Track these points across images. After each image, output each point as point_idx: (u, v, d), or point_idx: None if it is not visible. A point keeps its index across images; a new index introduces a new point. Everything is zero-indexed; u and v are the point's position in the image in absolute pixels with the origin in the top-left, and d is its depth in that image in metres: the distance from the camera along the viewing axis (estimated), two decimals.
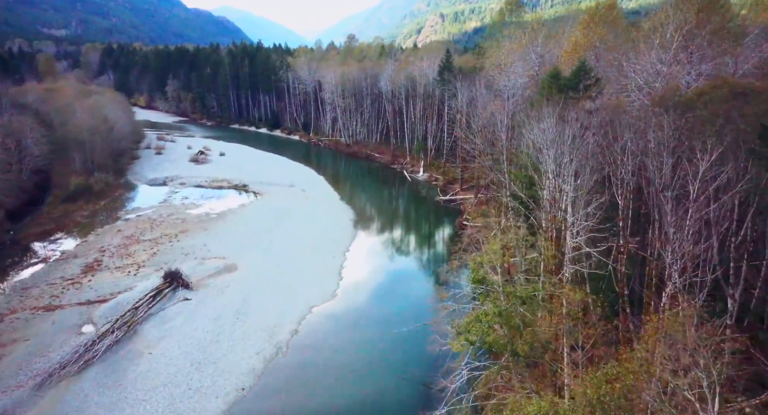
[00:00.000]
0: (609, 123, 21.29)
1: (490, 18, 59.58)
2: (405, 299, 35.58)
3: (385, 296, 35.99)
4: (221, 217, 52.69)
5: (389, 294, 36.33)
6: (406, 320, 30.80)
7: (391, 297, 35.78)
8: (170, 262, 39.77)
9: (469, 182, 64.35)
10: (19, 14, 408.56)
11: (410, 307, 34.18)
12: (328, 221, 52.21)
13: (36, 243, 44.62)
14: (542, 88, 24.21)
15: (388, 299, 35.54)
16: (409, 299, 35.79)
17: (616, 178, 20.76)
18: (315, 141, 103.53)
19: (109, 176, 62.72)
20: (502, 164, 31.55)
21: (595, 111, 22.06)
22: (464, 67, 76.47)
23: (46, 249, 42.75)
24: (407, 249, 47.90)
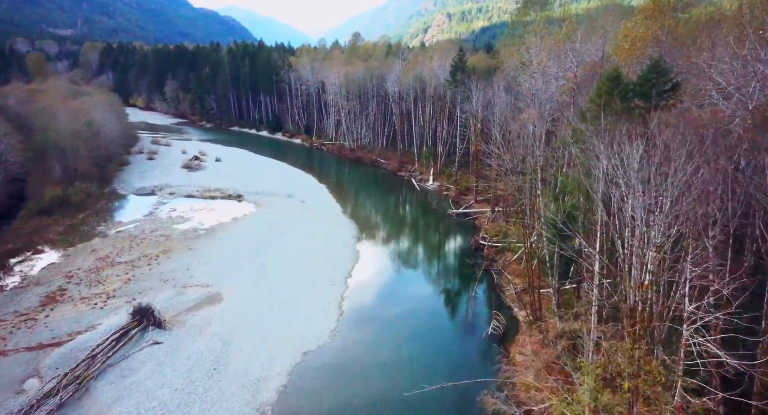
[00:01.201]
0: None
1: (511, 16, 54.52)
2: (418, 343, 29.95)
3: (394, 338, 30.44)
4: (210, 233, 47.40)
5: (398, 335, 30.76)
6: (423, 375, 25.34)
7: (400, 340, 30.23)
8: (145, 291, 34.55)
9: (484, 193, 58.76)
10: (24, 14, 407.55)
11: (426, 354, 28.66)
12: (329, 239, 46.80)
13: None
14: (597, 96, 18.80)
15: (398, 343, 29.99)
16: (422, 341, 30.19)
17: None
18: (317, 145, 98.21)
19: (92, 186, 57.62)
20: (534, 185, 26.00)
21: (718, 131, 16.01)
22: (478, 66, 70.93)
23: (4, 274, 37.56)
24: (417, 274, 42.31)
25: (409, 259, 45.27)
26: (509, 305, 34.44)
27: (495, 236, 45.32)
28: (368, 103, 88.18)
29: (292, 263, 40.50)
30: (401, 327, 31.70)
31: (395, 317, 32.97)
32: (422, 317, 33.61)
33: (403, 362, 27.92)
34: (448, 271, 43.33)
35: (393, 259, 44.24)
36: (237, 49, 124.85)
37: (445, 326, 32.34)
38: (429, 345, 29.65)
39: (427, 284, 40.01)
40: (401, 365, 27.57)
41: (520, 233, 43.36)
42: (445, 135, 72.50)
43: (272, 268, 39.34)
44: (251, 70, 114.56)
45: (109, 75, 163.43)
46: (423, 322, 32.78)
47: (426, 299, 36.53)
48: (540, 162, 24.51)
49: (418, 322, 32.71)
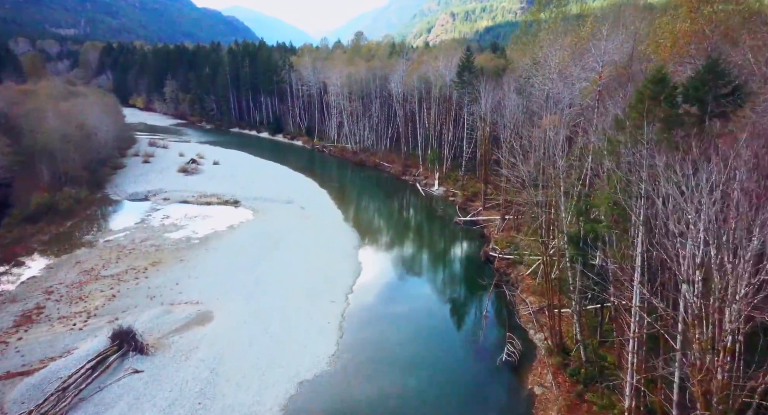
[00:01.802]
0: None
1: (525, 14, 52.15)
2: (426, 371, 27.15)
3: (399, 364, 27.69)
4: (204, 243, 44.77)
5: (404, 361, 28.01)
6: (432, 410, 22.66)
7: (406, 367, 27.49)
8: (129, 309, 31.96)
9: (493, 200, 55.97)
10: (28, 13, 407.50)
11: (434, 384, 25.91)
12: (329, 249, 44.10)
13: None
14: (637, 101, 16.05)
15: (403, 370, 27.26)
16: (430, 368, 27.39)
17: None
18: (319, 147, 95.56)
19: (82, 191, 55.07)
20: (555, 199, 23.23)
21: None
22: (485, 67, 68.17)
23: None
24: (423, 289, 39.46)
25: (414, 272, 42.49)
26: (524, 325, 31.68)
27: (506, 248, 42.53)
28: (371, 104, 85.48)
29: (290, 276, 37.83)
30: (407, 352, 28.94)
31: (400, 340, 30.21)
32: (430, 339, 30.83)
33: (410, 393, 25.20)
34: (457, 286, 40.55)
35: (397, 272, 41.47)
36: (237, 48, 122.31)
37: (455, 351, 29.56)
38: (438, 373, 26.89)
39: (433, 300, 37.23)
40: (407, 398, 24.86)
41: (533, 244, 40.62)
42: (451, 138, 69.76)
43: (268, 282, 36.66)
44: (252, 70, 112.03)
45: (108, 75, 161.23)
46: (430, 345, 30.00)
47: (433, 319, 33.75)
48: (563, 174, 21.79)
49: (425, 345, 29.94)
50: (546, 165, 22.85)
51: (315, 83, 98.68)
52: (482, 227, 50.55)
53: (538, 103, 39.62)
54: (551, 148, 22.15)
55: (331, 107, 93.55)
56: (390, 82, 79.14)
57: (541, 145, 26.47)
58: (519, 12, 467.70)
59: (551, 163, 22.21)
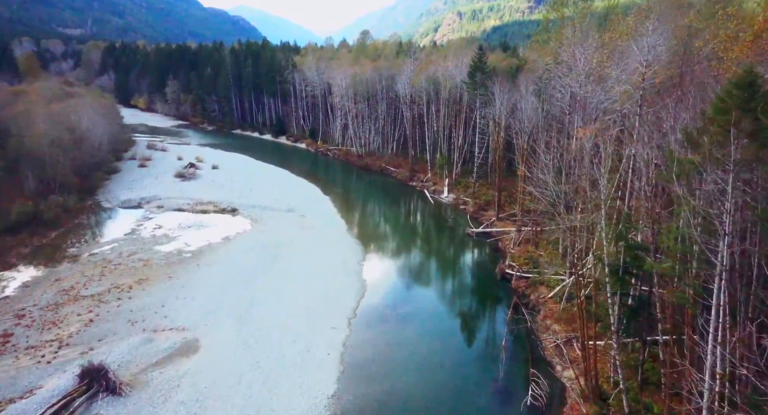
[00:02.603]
0: None
1: (547, 11, 48.99)
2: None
3: (409, 408, 24.14)
4: (196, 257, 41.45)
5: (414, 403, 24.46)
6: None
7: (417, 410, 23.94)
8: (107, 337, 28.67)
9: (507, 209, 52.37)
10: (35, 13, 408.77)
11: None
12: (331, 265, 40.65)
13: None
14: (718, 111, 12.55)
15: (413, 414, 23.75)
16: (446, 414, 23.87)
17: None
18: (323, 150, 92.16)
19: (71, 199, 51.96)
20: (596, 224, 19.64)
21: None
22: (498, 67, 64.54)
23: None
24: (434, 313, 35.69)
25: (423, 292, 38.85)
26: (548, 359, 28.08)
27: (524, 265, 38.87)
28: (377, 105, 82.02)
29: (287, 297, 34.40)
30: (417, 391, 25.39)
31: (410, 377, 26.64)
32: (443, 375, 27.22)
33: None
34: (470, 309, 36.86)
35: (404, 292, 37.91)
36: (240, 48, 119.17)
37: (472, 392, 25.96)
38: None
39: (445, 326, 33.59)
40: None
41: (554, 262, 37.03)
42: (461, 142, 66.16)
43: (262, 304, 33.25)
44: (254, 71, 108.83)
45: (111, 75, 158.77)
46: (445, 383, 26.39)
47: (446, 349, 30.12)
48: (606, 195, 18.23)
49: (438, 383, 26.34)
50: (584, 185, 19.31)
51: (319, 84, 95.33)
52: (496, 239, 46.93)
53: (561, 106, 35.91)
54: (591, 164, 18.58)
55: (335, 109, 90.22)
56: (397, 83, 75.63)
57: (571, 157, 22.86)
58: (527, 11, 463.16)
59: (590, 182, 18.69)
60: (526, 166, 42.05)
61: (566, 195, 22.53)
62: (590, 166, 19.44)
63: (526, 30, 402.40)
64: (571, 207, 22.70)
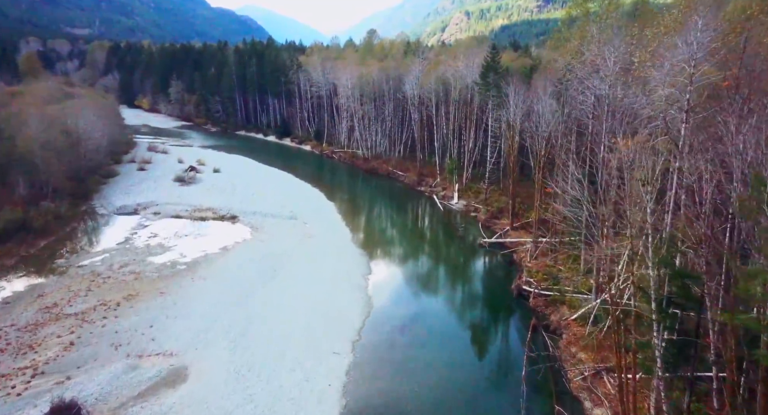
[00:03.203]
0: None
1: (570, 7, 46.48)
2: None
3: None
4: (191, 269, 38.91)
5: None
6: None
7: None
8: (87, 363, 26.13)
9: (522, 217, 49.45)
10: (43, 13, 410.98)
11: None
12: (334, 279, 37.95)
13: None
14: None
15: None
16: None
17: None
18: (328, 153, 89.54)
19: (63, 205, 49.70)
20: (644, 253, 16.76)
21: None
22: (511, 67, 61.62)
23: None
24: (444, 334, 32.81)
25: (433, 311, 35.92)
26: (575, 392, 25.17)
27: (543, 281, 35.92)
28: (384, 107, 79.27)
29: (285, 317, 31.71)
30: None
31: (420, 413, 23.84)
32: (457, 409, 24.40)
33: None
34: (485, 331, 33.92)
35: (413, 311, 35.00)
36: (245, 47, 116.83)
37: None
38: None
39: (458, 352, 30.63)
40: None
41: (576, 278, 34.11)
42: (472, 146, 63.30)
43: (259, 325, 30.58)
44: (258, 71, 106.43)
45: (115, 75, 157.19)
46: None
47: (460, 379, 27.24)
48: (652, 219, 15.41)
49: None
50: (626, 207, 16.47)
51: (324, 84, 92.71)
52: (511, 251, 44.00)
53: (586, 110, 32.99)
54: (636, 183, 15.72)
55: (341, 110, 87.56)
56: (404, 84, 72.93)
57: (606, 170, 19.92)
58: (535, 10, 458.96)
59: (637, 203, 15.82)
60: (545, 176, 39.22)
61: (604, 218, 19.57)
62: (631, 184, 16.57)
63: (535, 29, 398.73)
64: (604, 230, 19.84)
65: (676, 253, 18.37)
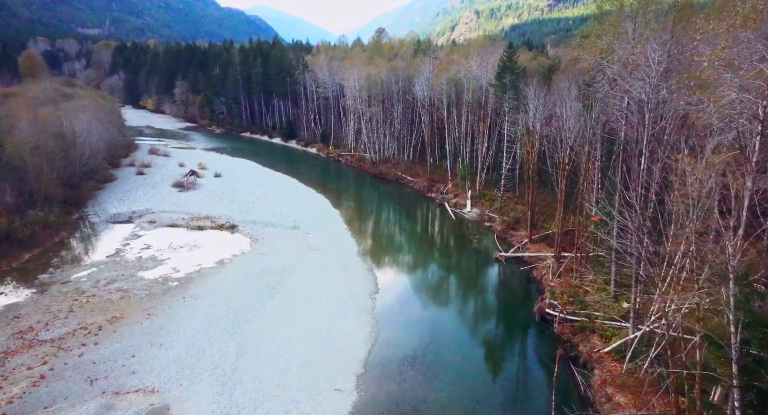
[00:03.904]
0: None
1: (601, 1, 43.95)
2: None
3: None
4: (183, 286, 35.89)
5: None
6: None
7: None
8: (56, 402, 23.12)
9: (541, 229, 45.94)
10: (54, 13, 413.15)
11: None
12: (338, 299, 34.71)
13: None
14: None
15: None
16: None
17: None
18: (335, 156, 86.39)
19: (53, 213, 46.90)
20: (724, 304, 13.36)
21: None
22: (528, 67, 58.03)
23: None
24: (460, 365, 29.36)
25: (447, 337, 32.33)
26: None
27: (568, 304, 32.41)
28: (393, 109, 75.95)
29: (282, 347, 28.51)
30: None
31: None
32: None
33: None
34: (506, 361, 30.36)
35: (424, 337, 31.50)
36: (250, 47, 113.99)
37: None
38: None
39: (477, 386, 27.21)
40: None
41: (606, 302, 30.60)
42: (485, 150, 59.79)
43: (252, 357, 27.40)
44: (263, 71, 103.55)
45: (120, 75, 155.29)
46: None
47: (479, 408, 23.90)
48: (735, 261, 12.04)
49: None
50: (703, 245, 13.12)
51: (331, 85, 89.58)
52: (531, 267, 40.50)
53: (616, 115, 29.50)
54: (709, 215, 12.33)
55: (348, 112, 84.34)
56: (414, 85, 69.57)
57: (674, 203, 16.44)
58: (546, 9, 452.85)
59: (715, 242, 12.45)
60: (568, 186, 35.77)
61: (670, 258, 16.10)
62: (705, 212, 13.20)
63: (546, 28, 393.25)
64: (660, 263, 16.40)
65: (754, 295, 14.89)
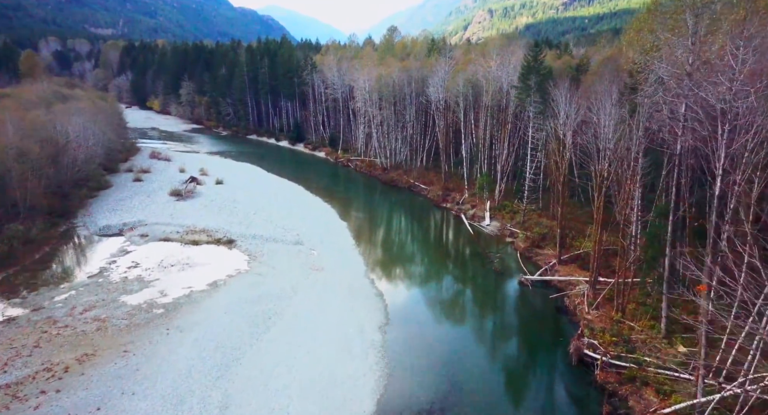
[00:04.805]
0: None
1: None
2: None
3: None
4: (169, 315, 31.78)
5: None
6: None
7: None
8: None
9: (571, 247, 41.22)
10: (69, 14, 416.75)
11: None
12: (343, 334, 30.33)
13: None
14: None
15: None
16: None
17: None
18: (344, 161, 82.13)
19: (36, 227, 43.30)
20: None
21: None
22: (554, 68, 53.22)
23: None
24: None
25: (469, 385, 27.46)
26: None
27: (611, 344, 27.64)
28: (405, 112, 71.47)
29: (275, 397, 24.18)
30: None
31: None
32: None
33: None
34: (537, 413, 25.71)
35: (443, 385, 26.84)
36: (257, 46, 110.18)
37: None
38: None
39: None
40: None
41: (660, 345, 25.88)
42: (506, 158, 55.07)
43: (238, 410, 23.10)
44: (271, 71, 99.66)
45: (127, 75, 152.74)
46: None
47: None
48: None
49: None
50: None
51: (340, 86, 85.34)
52: (562, 294, 35.75)
53: (671, 124, 24.79)
54: None
55: (358, 115, 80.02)
56: (428, 86, 65.02)
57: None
58: (561, 8, 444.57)
59: None
60: (605, 202, 31.08)
61: None
62: None
63: (561, 27, 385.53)
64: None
65: None
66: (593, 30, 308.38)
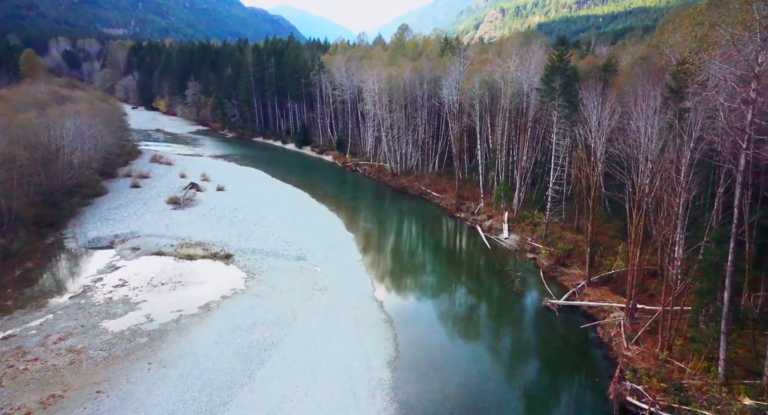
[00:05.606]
0: None
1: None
2: None
3: None
4: (152, 345, 28.38)
5: None
6: None
7: None
8: None
9: (601, 266, 37.22)
10: (81, 14, 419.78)
11: None
12: (347, 371, 26.64)
13: None
14: None
15: None
16: None
17: None
18: (352, 166, 78.52)
19: (19, 239, 40.20)
20: None
21: None
22: (579, 69, 49.20)
23: None
24: None
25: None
26: None
27: (659, 391, 23.64)
28: (416, 114, 67.68)
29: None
30: None
31: None
32: None
33: None
34: None
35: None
36: (264, 46, 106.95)
37: None
38: None
39: None
40: None
41: (719, 393, 21.90)
42: (525, 165, 51.10)
43: None
44: (277, 71, 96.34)
45: (134, 75, 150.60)
46: None
47: None
48: None
49: None
50: None
51: (349, 87, 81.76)
52: (594, 324, 31.76)
53: (734, 135, 20.84)
54: None
55: (367, 117, 76.38)
56: (441, 88, 61.18)
57: None
58: (574, 7, 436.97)
59: None
60: (642, 220, 27.15)
61: None
62: None
63: (575, 26, 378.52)
64: None
65: None
66: (608, 28, 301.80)
